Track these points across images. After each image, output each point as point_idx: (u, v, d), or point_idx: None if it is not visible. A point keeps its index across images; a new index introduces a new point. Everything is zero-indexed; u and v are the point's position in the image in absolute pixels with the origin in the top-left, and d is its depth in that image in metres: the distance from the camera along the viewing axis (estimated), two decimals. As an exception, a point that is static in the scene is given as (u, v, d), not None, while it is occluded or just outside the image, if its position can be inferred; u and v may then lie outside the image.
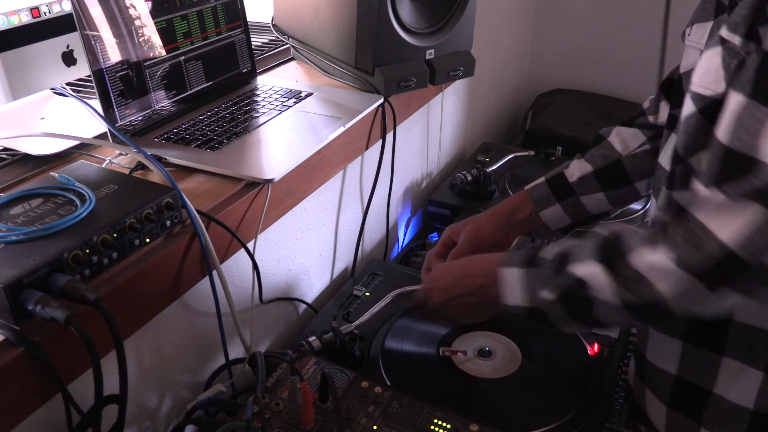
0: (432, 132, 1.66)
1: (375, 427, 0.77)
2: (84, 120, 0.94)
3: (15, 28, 0.89)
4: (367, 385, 0.83)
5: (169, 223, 0.77)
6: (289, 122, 1.04)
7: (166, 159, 0.90)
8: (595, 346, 1.02)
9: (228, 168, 0.89)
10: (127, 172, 0.86)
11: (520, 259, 0.78)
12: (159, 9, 0.97)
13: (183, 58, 1.02)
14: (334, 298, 1.16)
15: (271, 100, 1.12)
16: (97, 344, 0.62)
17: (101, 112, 0.90)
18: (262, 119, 1.04)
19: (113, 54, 0.90)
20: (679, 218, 0.66)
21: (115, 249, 0.71)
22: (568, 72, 2.37)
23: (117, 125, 0.92)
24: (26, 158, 0.89)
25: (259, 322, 1.10)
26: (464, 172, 1.54)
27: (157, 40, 0.97)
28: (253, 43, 1.16)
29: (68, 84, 1.06)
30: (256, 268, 0.99)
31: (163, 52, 0.99)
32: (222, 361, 0.94)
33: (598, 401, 0.92)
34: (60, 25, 0.94)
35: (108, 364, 0.69)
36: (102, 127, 0.92)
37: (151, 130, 0.98)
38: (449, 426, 0.78)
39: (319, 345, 0.97)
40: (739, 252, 0.61)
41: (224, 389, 0.90)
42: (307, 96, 1.14)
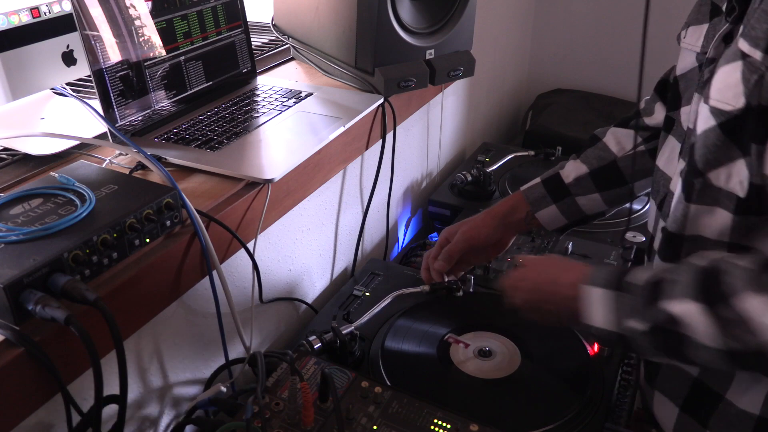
0: (432, 132, 1.66)
1: (375, 427, 0.77)
2: (84, 120, 0.94)
3: (15, 28, 0.89)
4: (367, 385, 0.83)
5: (169, 223, 0.77)
6: (289, 122, 1.04)
7: (166, 159, 0.90)
8: (595, 346, 1.02)
9: (228, 168, 0.89)
10: (127, 172, 0.86)
11: (607, 279, 0.75)
12: (159, 9, 0.97)
13: (183, 58, 1.02)
14: (334, 298, 1.16)
15: (271, 100, 1.12)
16: (97, 344, 0.62)
17: (101, 112, 0.90)
18: (262, 119, 1.04)
19: (113, 54, 0.90)
20: None
21: (115, 249, 0.71)
22: (568, 72, 2.37)
23: (117, 125, 0.92)
24: (26, 158, 0.89)
25: (259, 322, 1.10)
26: (464, 172, 1.54)
27: (157, 40, 0.97)
28: (253, 43, 1.16)
29: (68, 84, 1.06)
30: (256, 268, 0.99)
31: (163, 52, 0.99)
32: (222, 361, 0.94)
33: (598, 401, 0.92)
34: (60, 25, 0.94)
35: (108, 364, 0.69)
36: (102, 127, 0.92)
37: (151, 130, 0.98)
38: (449, 426, 0.78)
39: (319, 345, 0.97)
40: None
41: (224, 389, 0.90)
42: (307, 96, 1.14)
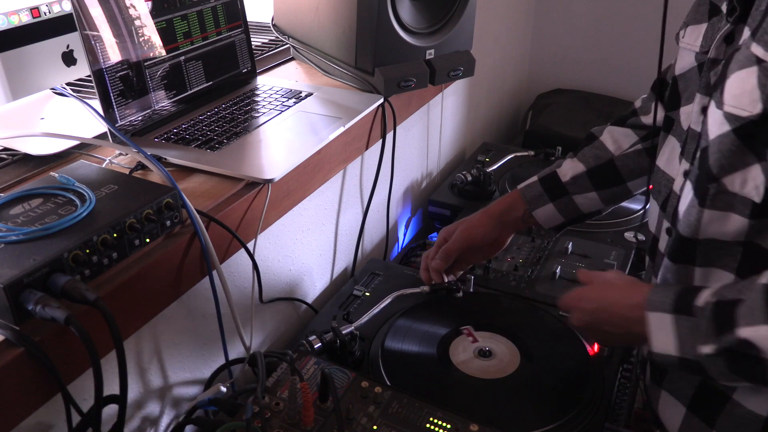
0: (432, 132, 1.66)
1: (375, 427, 0.77)
2: (84, 120, 0.94)
3: (15, 28, 0.89)
4: (367, 385, 0.83)
5: (169, 223, 0.77)
6: (289, 122, 1.04)
7: (166, 159, 0.90)
8: (595, 346, 1.02)
9: (228, 168, 0.89)
10: (127, 172, 0.86)
11: (671, 303, 0.72)
12: (159, 9, 0.97)
13: (183, 58, 1.02)
14: (334, 298, 1.16)
15: (271, 100, 1.12)
16: (97, 344, 0.62)
17: (101, 112, 0.90)
18: (262, 119, 1.04)
19: (113, 54, 0.90)
20: None
21: (115, 249, 0.71)
22: (568, 72, 2.37)
23: (117, 125, 0.92)
24: (26, 158, 0.89)
25: (259, 322, 1.10)
26: (464, 172, 1.54)
27: (157, 40, 0.97)
28: (253, 43, 1.16)
29: (68, 84, 1.06)
30: (256, 268, 0.99)
31: (163, 52, 0.98)
32: (222, 361, 0.94)
33: (598, 401, 0.92)
34: (60, 25, 0.94)
35: (108, 364, 0.69)
36: (102, 127, 0.92)
37: (151, 130, 0.98)
38: (449, 426, 0.78)
39: (319, 345, 0.97)
40: None
41: (224, 389, 0.90)
42: (307, 96, 1.14)
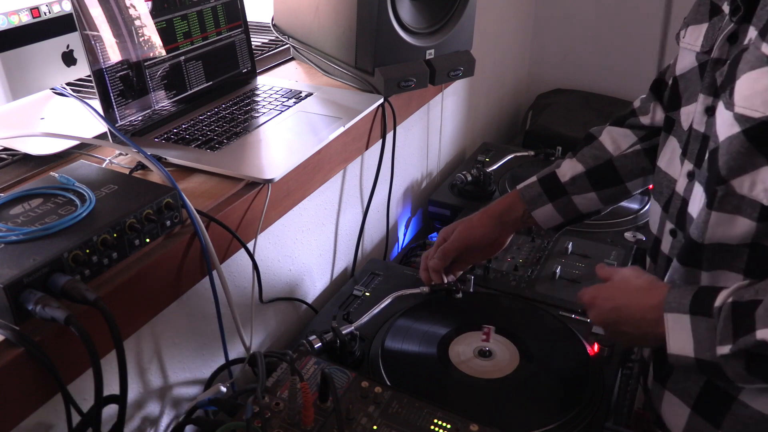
0: (432, 132, 1.66)
1: (375, 427, 0.77)
2: (84, 120, 0.94)
3: (15, 28, 0.89)
4: (367, 385, 0.83)
5: (169, 223, 0.77)
6: (289, 122, 1.04)
7: (166, 159, 0.90)
8: (595, 346, 1.02)
9: (228, 168, 0.89)
10: (127, 172, 0.86)
11: (688, 304, 0.72)
12: (159, 9, 0.97)
13: (183, 58, 1.02)
14: (334, 298, 1.16)
15: (271, 100, 1.12)
16: (97, 344, 0.62)
17: (101, 112, 0.90)
18: (262, 119, 1.04)
19: (113, 54, 0.90)
20: None
21: (115, 249, 0.71)
22: (568, 72, 2.37)
23: (117, 125, 0.92)
24: (26, 158, 0.89)
25: (259, 322, 1.10)
26: (464, 172, 1.54)
27: (157, 40, 0.97)
28: (253, 43, 1.16)
29: (68, 84, 1.06)
30: (256, 268, 0.99)
31: (163, 52, 0.98)
32: (222, 361, 0.94)
33: (598, 401, 0.92)
34: (60, 25, 0.94)
35: (108, 364, 0.69)
36: (102, 127, 0.92)
37: (151, 130, 0.98)
38: (449, 426, 0.78)
39: (319, 345, 0.97)
40: None
41: (224, 389, 0.90)
42: (307, 96, 1.14)
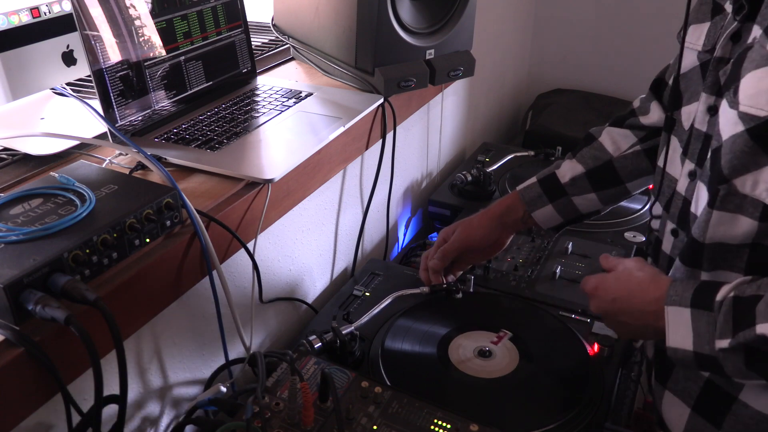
0: (432, 132, 1.66)
1: (375, 427, 0.77)
2: (84, 120, 0.94)
3: (15, 28, 0.89)
4: (367, 385, 0.83)
5: (169, 223, 0.77)
6: (289, 122, 1.04)
7: (166, 159, 0.90)
8: (595, 346, 1.01)
9: (228, 168, 0.89)
10: (127, 172, 0.86)
11: (690, 298, 0.72)
12: (159, 9, 0.97)
13: (183, 58, 1.02)
14: (334, 298, 1.16)
15: (271, 100, 1.12)
16: (97, 344, 0.62)
17: (101, 112, 0.90)
18: (262, 119, 1.04)
19: (113, 54, 0.90)
20: None
21: (115, 249, 0.71)
22: (568, 72, 2.37)
23: (117, 125, 0.92)
24: (26, 158, 0.89)
25: (259, 322, 1.10)
26: (464, 172, 1.54)
27: (157, 40, 0.97)
28: (253, 43, 1.16)
29: (68, 84, 1.06)
30: (256, 268, 0.99)
31: (163, 52, 0.98)
32: (222, 361, 0.94)
33: (598, 401, 0.92)
34: (60, 25, 0.94)
35: (108, 364, 0.69)
36: (102, 127, 0.92)
37: (151, 130, 0.98)
38: (449, 426, 0.78)
39: (319, 345, 0.97)
40: None
41: (224, 389, 0.90)
42: (307, 96, 1.14)
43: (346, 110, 1.09)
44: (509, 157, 1.71)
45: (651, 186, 1.00)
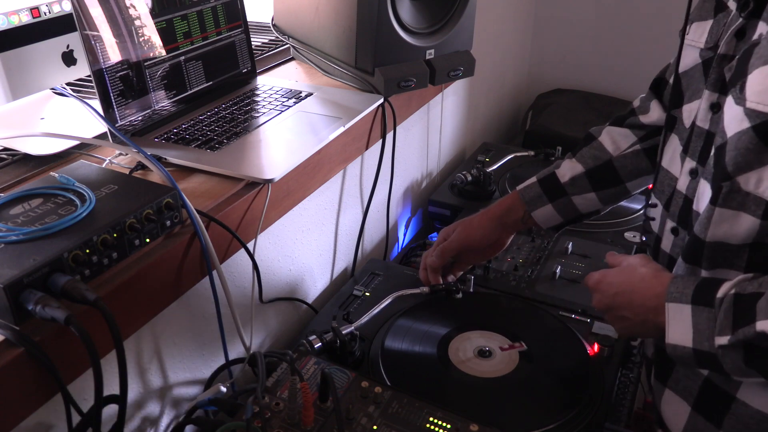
0: (432, 132, 1.66)
1: (375, 427, 0.77)
2: (84, 120, 0.94)
3: (15, 28, 0.89)
4: (367, 385, 0.83)
5: (169, 223, 0.77)
6: (289, 122, 1.04)
7: (166, 159, 0.90)
8: (595, 346, 1.02)
9: (228, 168, 0.89)
10: (127, 172, 0.86)
11: (691, 294, 0.71)
12: (159, 9, 0.97)
13: (183, 58, 1.02)
14: (334, 298, 1.16)
15: (271, 100, 1.12)
16: (97, 344, 0.62)
17: (101, 112, 0.90)
18: (262, 119, 1.04)
19: (113, 54, 0.90)
20: None
21: (115, 249, 0.71)
22: (568, 72, 2.37)
23: (117, 125, 0.92)
24: (26, 158, 0.89)
25: (259, 322, 1.10)
26: (464, 172, 1.54)
27: (157, 40, 0.97)
28: (253, 43, 1.16)
29: (68, 84, 1.06)
30: (256, 268, 0.99)
31: (163, 52, 0.98)
32: (222, 361, 0.94)
33: (598, 401, 0.92)
34: (60, 25, 0.94)
35: (108, 364, 0.69)
36: (102, 127, 0.92)
37: (151, 130, 0.98)
38: (449, 426, 0.78)
39: (319, 345, 0.97)
40: None
41: (224, 389, 0.90)
42: (307, 96, 1.14)
43: (346, 110, 1.09)
44: (509, 157, 1.71)
45: (651, 186, 1.00)
